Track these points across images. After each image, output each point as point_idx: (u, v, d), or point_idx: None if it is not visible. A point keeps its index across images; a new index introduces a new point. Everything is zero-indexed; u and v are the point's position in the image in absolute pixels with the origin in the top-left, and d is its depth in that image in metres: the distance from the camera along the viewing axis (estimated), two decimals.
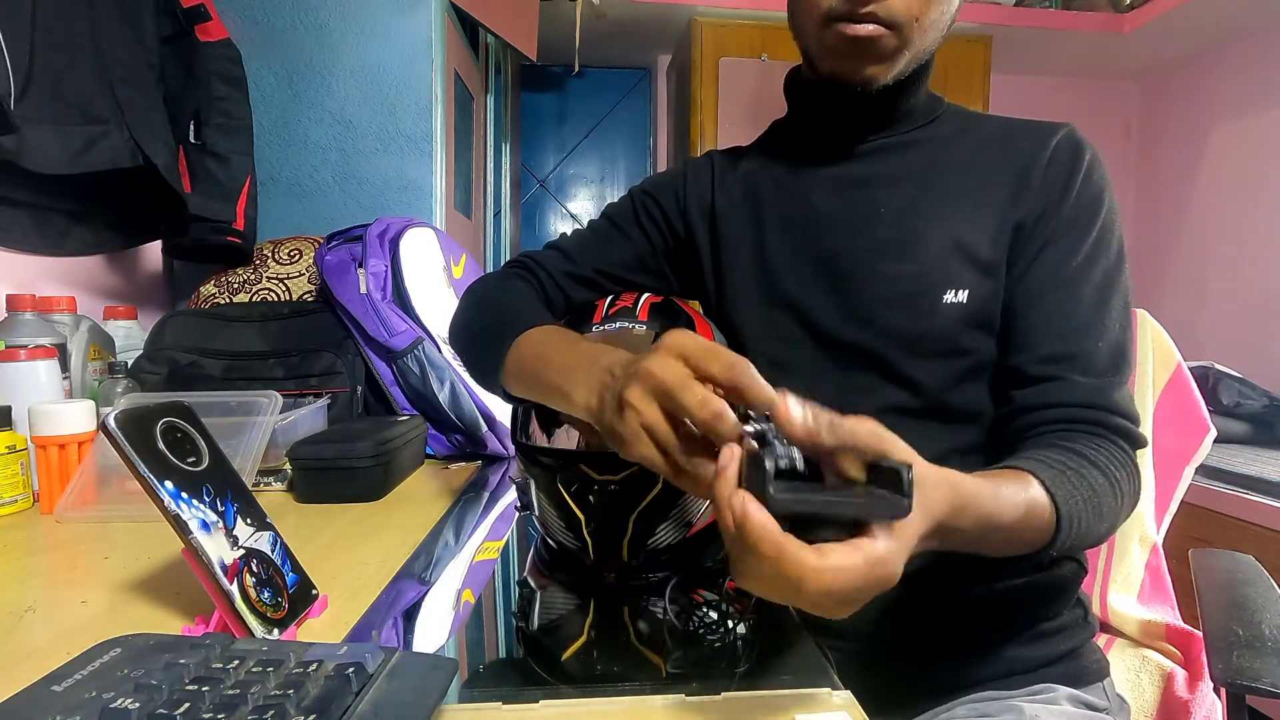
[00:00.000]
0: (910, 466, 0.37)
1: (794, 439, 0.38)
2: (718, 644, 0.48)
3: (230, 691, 0.33)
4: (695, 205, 0.77)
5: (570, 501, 0.58)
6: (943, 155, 0.67)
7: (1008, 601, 0.65)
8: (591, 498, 0.57)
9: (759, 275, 0.71)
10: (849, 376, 0.66)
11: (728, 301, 0.73)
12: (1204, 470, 1.80)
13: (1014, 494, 0.50)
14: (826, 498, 0.38)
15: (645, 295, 0.70)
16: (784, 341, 0.69)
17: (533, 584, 0.63)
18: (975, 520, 0.46)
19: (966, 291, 0.62)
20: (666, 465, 0.43)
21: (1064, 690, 0.64)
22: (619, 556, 0.58)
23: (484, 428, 1.06)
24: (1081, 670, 0.66)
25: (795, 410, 0.38)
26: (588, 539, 0.58)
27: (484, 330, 0.68)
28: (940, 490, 0.43)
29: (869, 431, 0.39)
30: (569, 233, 0.80)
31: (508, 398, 0.64)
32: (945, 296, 0.62)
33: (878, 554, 0.37)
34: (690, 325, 0.68)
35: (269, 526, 0.52)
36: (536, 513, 0.62)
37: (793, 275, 0.69)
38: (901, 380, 0.64)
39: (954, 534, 0.45)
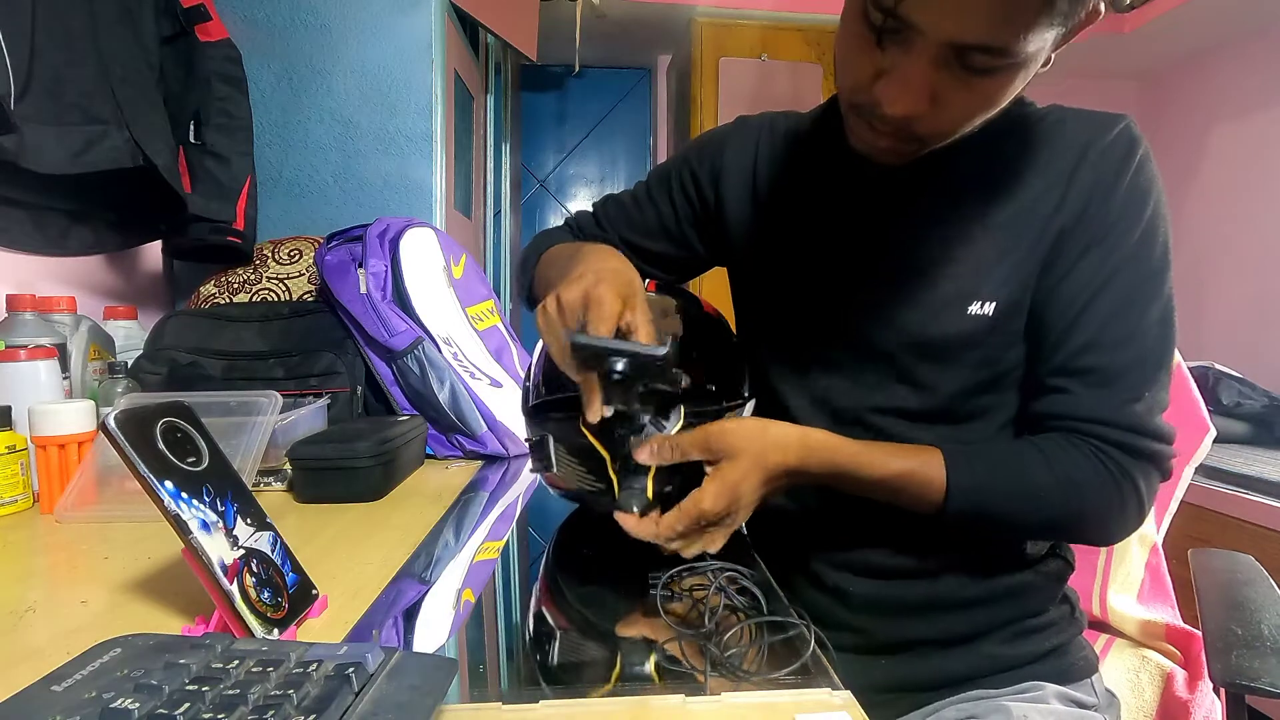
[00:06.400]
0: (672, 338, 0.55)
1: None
2: (718, 643, 0.48)
3: (230, 691, 0.33)
4: (734, 171, 0.74)
5: (594, 439, 0.57)
6: (988, 159, 0.63)
7: (993, 598, 0.65)
8: (616, 431, 0.56)
9: (784, 260, 0.70)
10: (863, 374, 0.66)
11: (756, 273, 0.74)
12: (1204, 470, 1.80)
13: (888, 458, 0.59)
14: (615, 344, 0.50)
15: (646, 281, 0.73)
16: (802, 331, 0.69)
17: (550, 621, 0.57)
18: (823, 465, 0.58)
19: (994, 304, 0.60)
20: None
21: (1052, 688, 0.64)
22: (644, 493, 0.55)
23: (484, 428, 1.06)
24: (1069, 667, 0.66)
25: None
26: (613, 476, 0.57)
27: (525, 258, 0.83)
28: (789, 439, 0.58)
29: None
30: (616, 193, 0.83)
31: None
32: (970, 308, 0.60)
33: (729, 479, 0.54)
34: None
35: (269, 526, 0.52)
36: (555, 468, 0.62)
37: (819, 267, 0.68)
38: (915, 383, 0.64)
39: (808, 474, 0.59)
